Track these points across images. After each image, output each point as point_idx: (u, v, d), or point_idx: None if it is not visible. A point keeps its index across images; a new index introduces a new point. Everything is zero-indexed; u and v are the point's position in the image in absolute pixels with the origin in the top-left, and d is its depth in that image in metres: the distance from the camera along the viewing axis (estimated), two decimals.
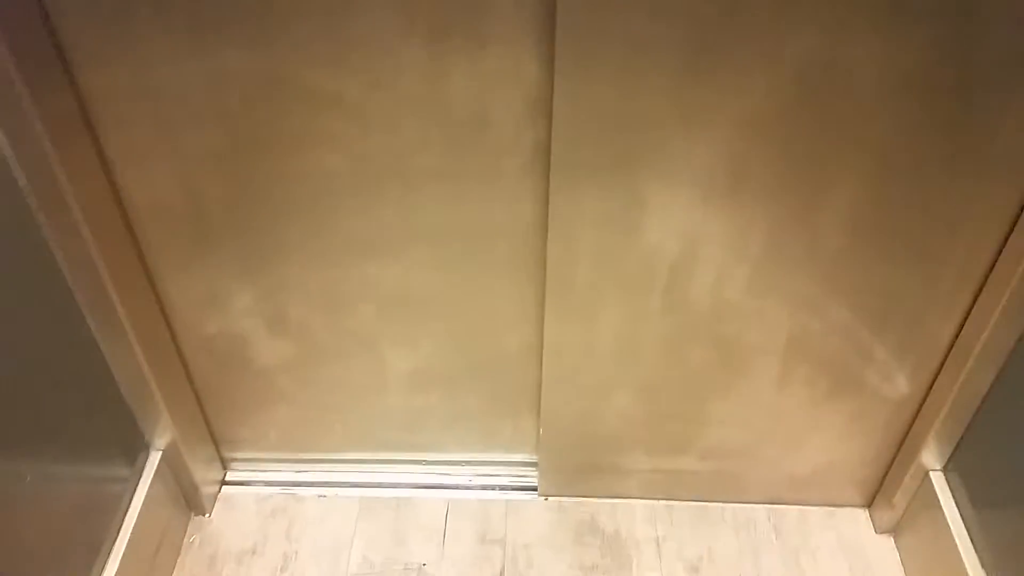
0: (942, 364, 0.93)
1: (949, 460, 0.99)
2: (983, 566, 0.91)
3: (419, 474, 1.16)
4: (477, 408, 1.08)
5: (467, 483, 1.15)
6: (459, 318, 0.96)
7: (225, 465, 1.17)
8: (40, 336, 0.83)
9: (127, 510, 0.98)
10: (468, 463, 1.16)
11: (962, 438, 0.96)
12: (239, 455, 1.16)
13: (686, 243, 0.82)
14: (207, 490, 1.12)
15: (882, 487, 1.07)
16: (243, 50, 0.73)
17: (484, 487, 1.15)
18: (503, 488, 1.15)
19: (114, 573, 0.93)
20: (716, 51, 0.69)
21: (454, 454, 1.15)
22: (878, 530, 1.09)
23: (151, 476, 1.01)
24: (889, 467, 1.05)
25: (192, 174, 0.83)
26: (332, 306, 0.96)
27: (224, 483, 1.16)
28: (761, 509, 1.11)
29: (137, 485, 1.00)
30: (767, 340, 0.91)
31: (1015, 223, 0.80)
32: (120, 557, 0.94)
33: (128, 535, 0.96)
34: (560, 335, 0.93)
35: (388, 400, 1.07)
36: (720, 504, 1.12)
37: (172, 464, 1.05)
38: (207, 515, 1.12)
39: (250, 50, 0.73)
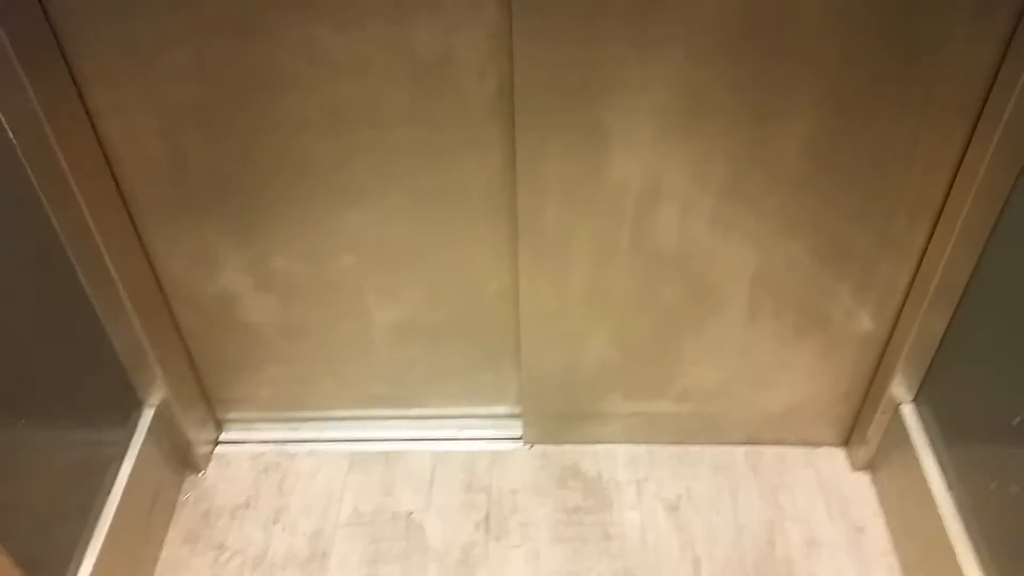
0: (905, 296, 0.96)
1: (918, 392, 1.01)
2: (952, 495, 0.94)
3: (406, 428, 1.19)
4: (460, 360, 1.11)
5: (453, 436, 1.18)
6: (437, 265, 0.99)
7: (219, 426, 1.20)
8: (35, 294, 0.85)
9: (120, 467, 1.01)
10: (453, 417, 1.18)
11: (929, 370, 0.99)
12: (233, 415, 1.19)
13: (650, 177, 0.85)
14: (201, 449, 1.15)
15: (856, 423, 1.10)
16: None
17: (470, 439, 1.18)
18: (488, 439, 1.18)
19: (107, 528, 0.95)
20: None
21: (439, 408, 1.18)
22: (854, 467, 1.12)
23: (144, 433, 1.04)
24: (862, 404, 1.08)
25: (173, 127, 0.86)
26: (315, 258, 0.99)
27: (218, 443, 1.19)
28: (739, 450, 1.14)
29: (131, 442, 1.03)
30: (733, 275, 0.94)
31: (965, 151, 0.83)
32: (114, 513, 0.96)
33: (121, 492, 0.98)
34: (534, 279, 0.96)
35: (373, 354, 1.10)
36: (699, 446, 1.14)
37: (166, 422, 1.08)
38: (201, 473, 1.15)
39: None
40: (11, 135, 0.79)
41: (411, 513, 1.09)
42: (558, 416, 1.13)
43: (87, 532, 0.94)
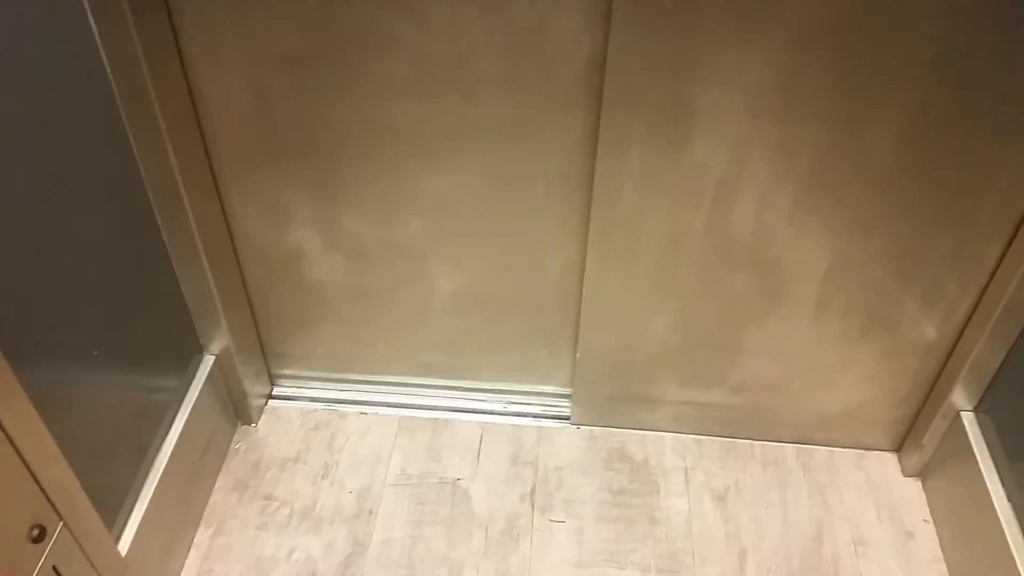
0: (973, 309, 0.95)
1: (979, 402, 1.00)
2: (1013, 506, 0.92)
3: (456, 399, 1.20)
4: (516, 334, 1.11)
5: (502, 409, 1.19)
6: (505, 236, 0.99)
7: (272, 380, 1.22)
8: (116, 233, 0.87)
9: (178, 410, 1.03)
10: (503, 391, 1.19)
11: (992, 381, 0.97)
12: (286, 371, 1.21)
13: (733, 159, 0.85)
14: (255, 402, 1.17)
15: (912, 429, 1.09)
16: None
17: (518, 414, 1.18)
18: (536, 416, 1.18)
19: (163, 469, 0.97)
20: None
21: (490, 382, 1.18)
22: (906, 473, 1.11)
23: (203, 380, 1.06)
24: (920, 409, 1.07)
25: (263, 78, 0.87)
26: (385, 220, 0.99)
27: (271, 397, 1.21)
28: (790, 448, 1.13)
29: (190, 387, 1.05)
30: (807, 266, 0.93)
31: None
32: (170, 454, 0.99)
33: (178, 434, 1.01)
34: (602, 256, 0.96)
35: (431, 320, 1.11)
36: (749, 441, 1.14)
37: (224, 370, 1.10)
38: (253, 425, 1.17)
39: None
40: (111, 77, 0.81)
41: (458, 479, 1.10)
42: (609, 398, 1.13)
43: (143, 471, 0.96)
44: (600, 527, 1.05)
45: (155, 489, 0.96)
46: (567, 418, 1.18)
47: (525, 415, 1.18)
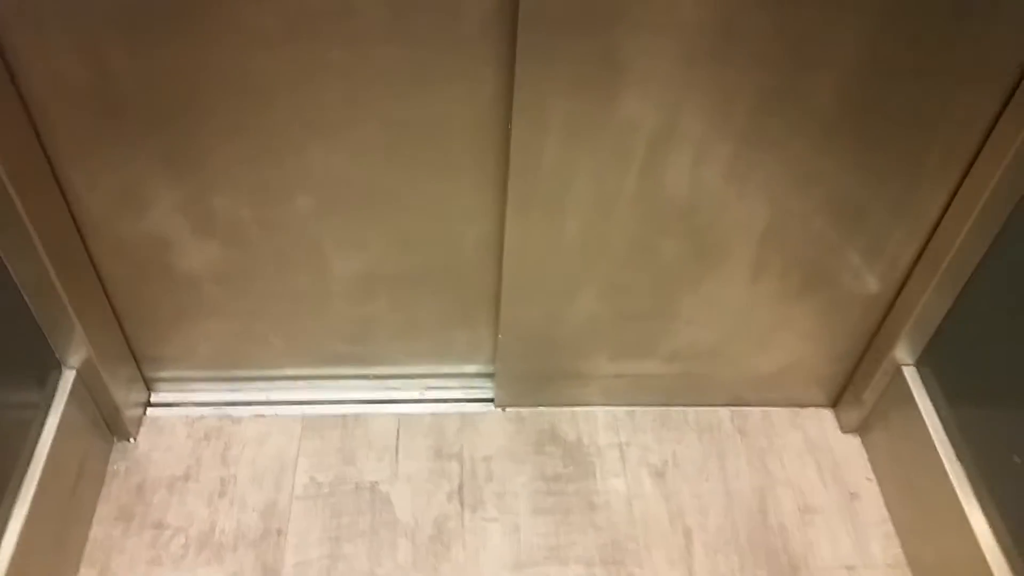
0: (915, 262, 0.90)
1: (921, 356, 0.96)
2: (959, 459, 0.90)
3: (366, 389, 1.08)
4: (429, 316, 1.00)
5: (418, 397, 1.08)
6: (411, 210, 0.87)
7: (149, 386, 1.07)
8: None
9: (39, 436, 0.88)
10: (419, 376, 1.08)
11: (935, 334, 0.93)
12: (164, 374, 1.06)
13: (667, 112, 0.75)
14: (130, 413, 1.02)
15: (850, 384, 1.05)
16: None
17: (437, 400, 1.08)
18: (457, 401, 1.08)
19: (28, 506, 0.83)
20: None
21: (404, 367, 1.07)
22: (844, 429, 1.07)
23: (65, 398, 0.91)
24: (857, 364, 1.03)
25: (95, 42, 0.71)
26: (265, 199, 0.85)
27: (149, 405, 1.06)
28: (724, 412, 1.08)
29: (50, 408, 0.90)
30: (744, 226, 0.86)
31: (992, 129, 0.77)
32: (34, 488, 0.84)
33: (42, 465, 0.86)
34: (523, 225, 0.85)
35: (331, 308, 0.98)
36: (682, 408, 1.08)
37: (88, 384, 0.95)
38: (132, 440, 1.02)
39: None
40: None
41: (376, 483, 0.99)
42: (534, 376, 1.04)
43: (4, 511, 0.82)
44: (537, 520, 0.97)
45: (21, 531, 0.82)
46: (491, 400, 1.08)
47: (445, 400, 1.08)
